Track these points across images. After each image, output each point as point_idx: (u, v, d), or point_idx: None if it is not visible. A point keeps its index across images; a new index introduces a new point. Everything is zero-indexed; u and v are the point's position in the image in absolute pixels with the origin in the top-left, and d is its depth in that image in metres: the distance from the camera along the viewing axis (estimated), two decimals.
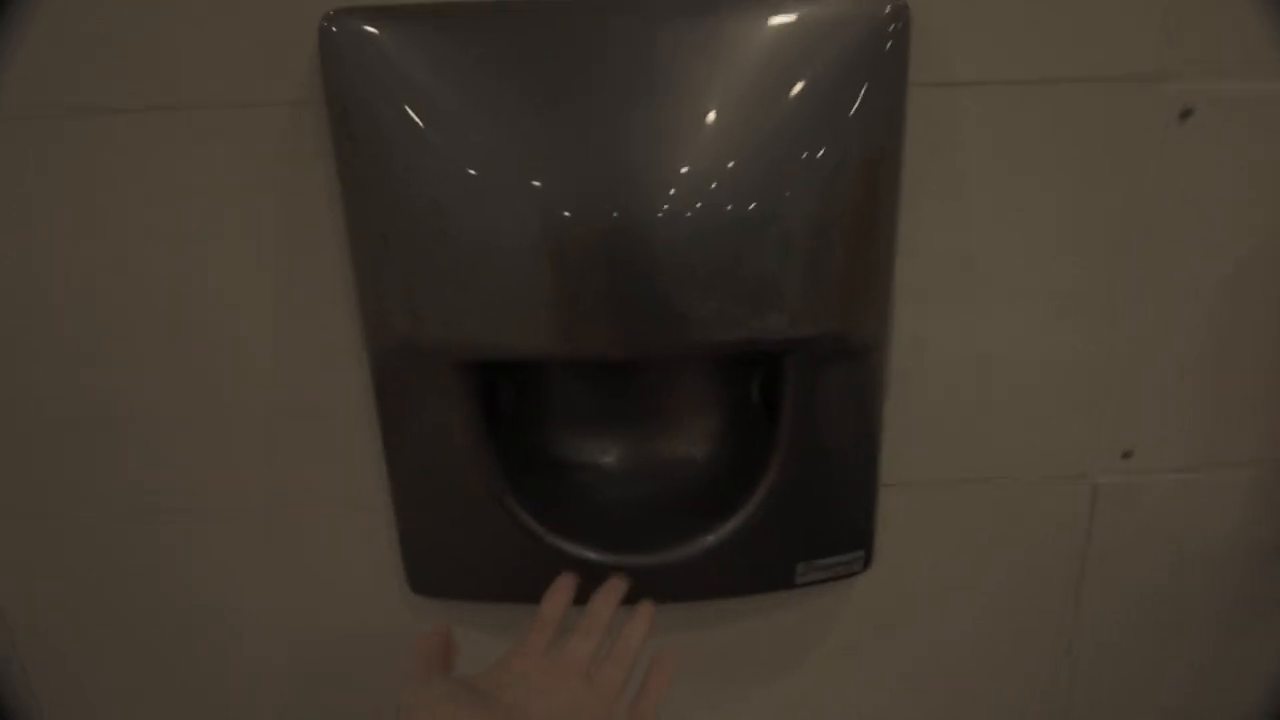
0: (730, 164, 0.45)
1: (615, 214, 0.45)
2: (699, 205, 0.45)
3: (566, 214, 0.45)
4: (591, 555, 0.53)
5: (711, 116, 0.45)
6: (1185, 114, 0.50)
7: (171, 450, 0.57)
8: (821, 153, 0.45)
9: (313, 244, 0.52)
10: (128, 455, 0.57)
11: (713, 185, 0.45)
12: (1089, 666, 0.66)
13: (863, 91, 0.45)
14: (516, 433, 0.55)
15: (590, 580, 0.48)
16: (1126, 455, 0.59)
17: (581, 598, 0.47)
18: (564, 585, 0.46)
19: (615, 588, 0.46)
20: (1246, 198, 0.53)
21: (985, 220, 0.53)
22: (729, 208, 0.45)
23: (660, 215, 0.45)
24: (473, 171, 0.45)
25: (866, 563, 0.58)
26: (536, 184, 0.45)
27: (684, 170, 0.45)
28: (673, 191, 0.45)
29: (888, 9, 0.45)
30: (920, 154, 0.50)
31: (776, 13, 0.44)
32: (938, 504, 0.60)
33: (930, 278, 0.53)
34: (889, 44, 0.45)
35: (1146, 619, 0.64)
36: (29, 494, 0.58)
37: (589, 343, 0.47)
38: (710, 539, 0.54)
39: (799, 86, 0.45)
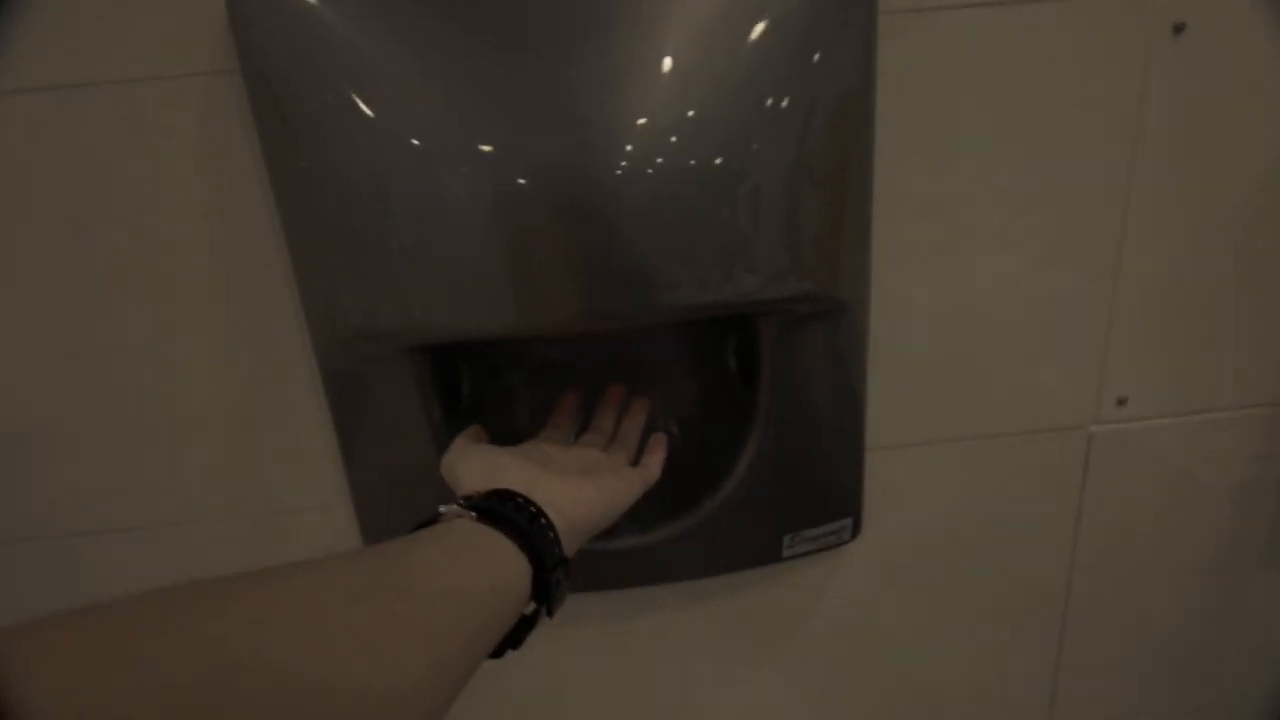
0: (690, 113, 0.42)
1: (570, 174, 0.41)
2: (659, 160, 0.41)
3: (519, 178, 0.41)
4: None
5: (667, 62, 0.41)
6: (1178, 28, 0.47)
7: (122, 465, 0.54)
8: (786, 93, 0.42)
9: (244, 229, 0.48)
10: (78, 471, 0.54)
11: (672, 139, 0.41)
12: (1085, 619, 0.65)
13: (829, 24, 0.42)
14: (476, 418, 0.52)
15: None
16: (1121, 402, 0.57)
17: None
18: (569, 399, 0.52)
19: (614, 399, 0.51)
20: (1244, 121, 0.50)
21: (965, 161, 0.50)
22: (692, 162, 0.42)
23: (619, 173, 0.41)
24: (415, 141, 0.41)
25: (855, 531, 0.56)
26: (485, 148, 0.41)
27: (641, 122, 0.41)
28: (629, 147, 0.41)
29: None
30: (894, 91, 0.46)
31: None
32: (927, 466, 0.58)
33: (909, 228, 0.51)
34: None
35: (1142, 565, 0.63)
36: None
37: (552, 314, 0.43)
38: (691, 517, 0.52)
39: (760, 23, 0.41)
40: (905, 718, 0.67)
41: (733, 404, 0.52)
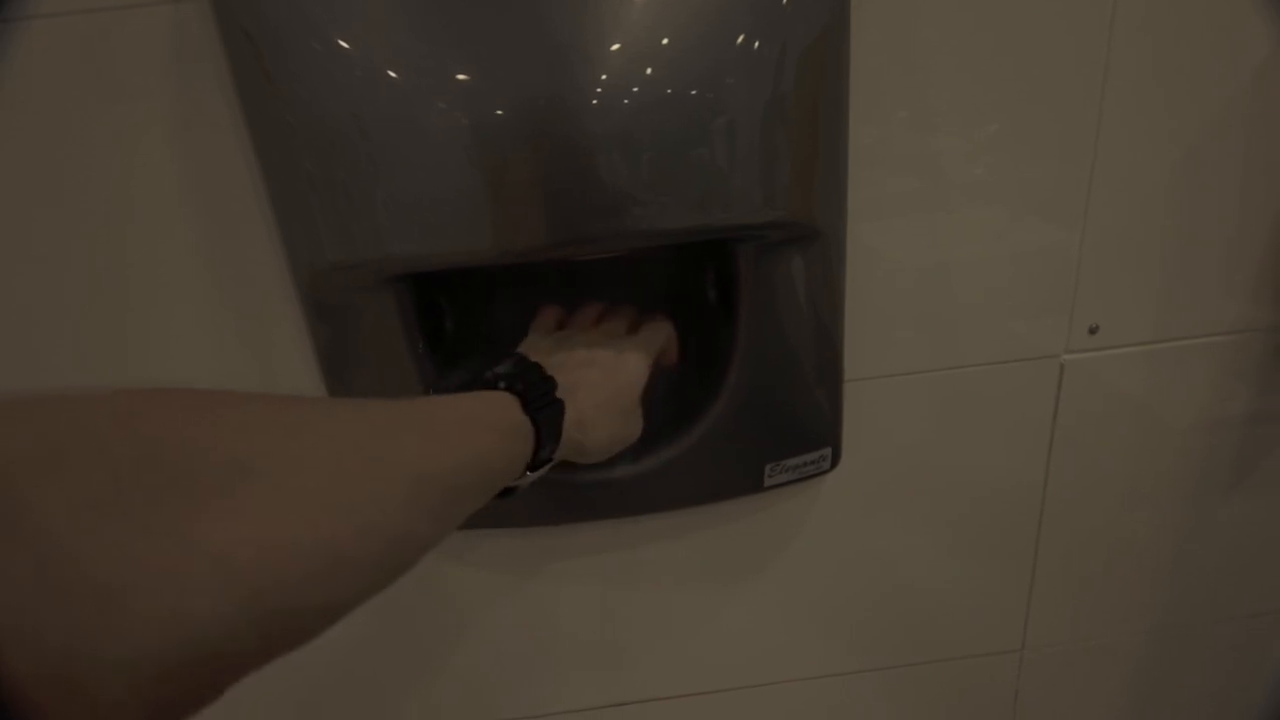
0: (664, 41, 0.41)
1: (546, 104, 0.41)
2: (635, 90, 0.42)
3: (495, 108, 0.41)
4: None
5: None
6: None
7: None
8: (761, 22, 0.42)
9: (218, 163, 0.48)
10: None
11: (648, 70, 0.42)
12: (1058, 543, 0.66)
13: None
14: (459, 354, 0.52)
15: None
16: (1093, 331, 0.58)
17: None
18: (550, 309, 0.52)
19: (591, 312, 0.51)
20: (1209, 52, 0.50)
21: (938, 96, 0.50)
22: (668, 91, 0.42)
23: (594, 102, 0.41)
24: (390, 72, 0.41)
25: (834, 461, 0.57)
26: (461, 78, 0.41)
27: (615, 50, 0.41)
28: (604, 76, 0.41)
29: None
30: (868, 25, 0.46)
31: None
32: (904, 396, 0.59)
33: (883, 164, 0.51)
34: None
35: (1113, 490, 0.65)
36: None
37: (529, 241, 0.44)
38: (674, 448, 0.53)
39: None
40: (884, 641, 0.69)
41: (713, 336, 0.52)
